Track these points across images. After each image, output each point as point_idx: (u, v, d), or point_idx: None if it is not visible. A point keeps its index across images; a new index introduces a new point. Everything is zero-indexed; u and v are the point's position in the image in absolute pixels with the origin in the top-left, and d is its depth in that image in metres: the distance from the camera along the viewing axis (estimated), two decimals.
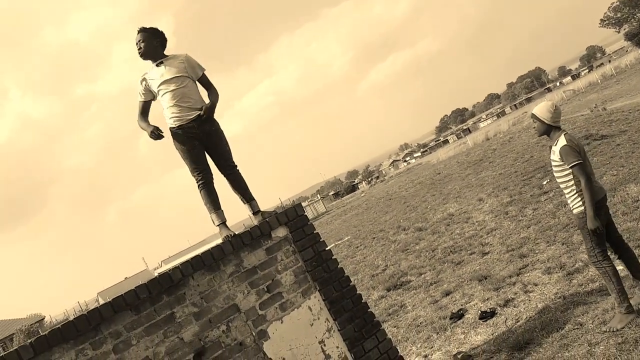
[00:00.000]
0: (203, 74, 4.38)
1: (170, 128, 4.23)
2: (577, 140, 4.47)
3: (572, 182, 4.37)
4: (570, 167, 4.29)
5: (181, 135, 4.20)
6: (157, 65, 4.26)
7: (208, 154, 4.35)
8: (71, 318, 3.33)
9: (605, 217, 4.39)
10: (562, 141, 4.35)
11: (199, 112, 4.21)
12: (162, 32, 4.34)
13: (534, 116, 4.56)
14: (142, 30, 4.25)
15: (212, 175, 4.34)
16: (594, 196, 4.23)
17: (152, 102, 4.38)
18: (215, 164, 4.39)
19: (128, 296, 3.44)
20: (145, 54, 4.26)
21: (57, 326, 3.23)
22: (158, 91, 4.23)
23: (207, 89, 4.43)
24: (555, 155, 4.42)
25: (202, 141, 4.27)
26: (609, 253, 4.38)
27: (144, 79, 4.29)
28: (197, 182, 4.27)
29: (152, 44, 4.25)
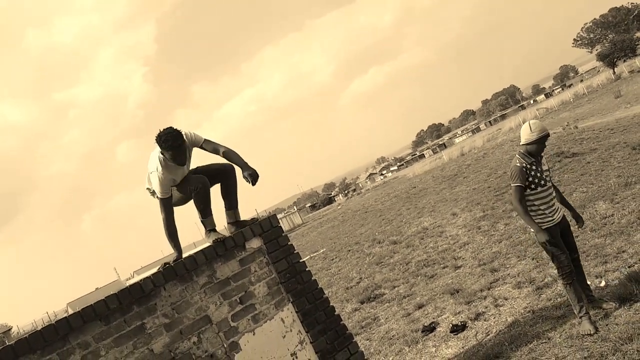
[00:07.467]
0: (205, 140, 4.13)
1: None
2: None
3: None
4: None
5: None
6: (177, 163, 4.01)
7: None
8: (39, 329, 3.27)
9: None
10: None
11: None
12: (180, 132, 3.90)
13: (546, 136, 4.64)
14: (178, 142, 3.84)
15: (208, 181, 4.25)
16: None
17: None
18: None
19: (98, 306, 3.41)
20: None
21: (24, 336, 3.18)
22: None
23: (217, 153, 4.15)
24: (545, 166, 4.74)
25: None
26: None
27: (165, 175, 3.97)
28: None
29: (185, 150, 3.99)
